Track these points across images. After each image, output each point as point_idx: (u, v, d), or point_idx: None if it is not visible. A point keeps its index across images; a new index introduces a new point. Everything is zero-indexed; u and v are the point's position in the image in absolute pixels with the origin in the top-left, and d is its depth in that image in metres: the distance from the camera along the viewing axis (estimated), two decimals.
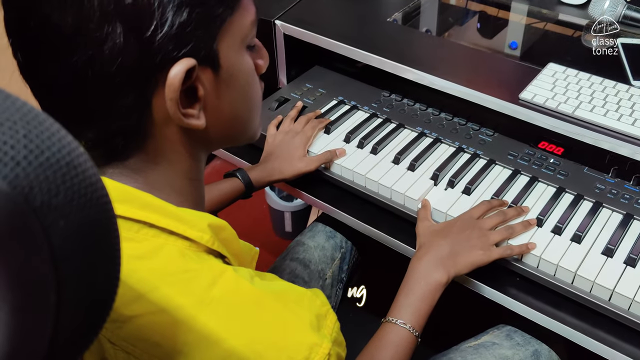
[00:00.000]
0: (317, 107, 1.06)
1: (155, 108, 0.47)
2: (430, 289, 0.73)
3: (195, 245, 0.49)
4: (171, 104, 0.47)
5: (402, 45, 1.02)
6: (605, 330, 0.74)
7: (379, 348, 0.71)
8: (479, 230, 0.77)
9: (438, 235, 0.78)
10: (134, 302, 0.45)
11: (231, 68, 0.50)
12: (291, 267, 0.97)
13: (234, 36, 0.50)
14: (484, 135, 0.97)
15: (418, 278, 0.74)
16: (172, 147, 0.51)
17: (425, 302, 0.73)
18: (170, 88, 0.46)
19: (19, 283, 0.24)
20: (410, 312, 0.72)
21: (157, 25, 0.44)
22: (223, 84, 0.50)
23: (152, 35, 0.44)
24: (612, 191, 0.85)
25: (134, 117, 0.47)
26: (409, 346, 0.71)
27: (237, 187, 0.88)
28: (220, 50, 0.49)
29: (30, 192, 0.24)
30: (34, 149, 0.25)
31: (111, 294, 0.30)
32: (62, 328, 0.27)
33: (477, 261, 0.75)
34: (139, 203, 0.48)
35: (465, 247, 0.76)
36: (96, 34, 0.43)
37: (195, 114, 0.49)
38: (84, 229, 0.27)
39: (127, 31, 0.43)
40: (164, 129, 0.49)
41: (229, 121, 0.54)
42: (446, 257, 0.75)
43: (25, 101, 0.26)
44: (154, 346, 0.45)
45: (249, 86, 0.54)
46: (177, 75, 0.45)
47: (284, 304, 0.49)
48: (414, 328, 0.71)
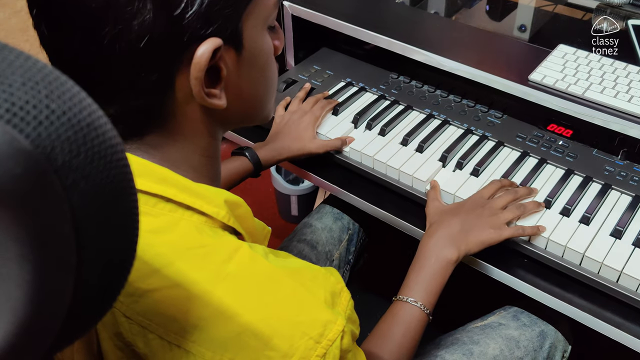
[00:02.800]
0: (325, 88, 1.05)
1: (178, 86, 0.47)
2: (441, 266, 0.73)
3: (211, 221, 0.49)
4: (195, 83, 0.46)
5: (410, 27, 1.01)
6: (612, 312, 0.74)
7: (390, 326, 0.71)
8: (490, 209, 0.77)
9: (449, 213, 0.78)
10: (149, 276, 0.46)
11: (253, 48, 0.50)
12: (298, 248, 0.97)
13: (258, 16, 0.50)
14: (492, 117, 0.97)
15: (429, 255, 0.74)
16: (191, 124, 0.51)
17: (436, 279, 0.73)
18: (196, 67, 0.46)
19: (40, 242, 0.25)
20: (421, 290, 0.72)
21: (187, 3, 0.43)
22: (245, 63, 0.50)
23: (182, 13, 0.43)
24: (621, 173, 0.85)
25: (156, 94, 0.47)
26: (420, 324, 0.71)
27: (245, 166, 0.88)
28: (245, 30, 0.49)
29: (52, 152, 0.24)
30: (56, 109, 0.25)
31: (130, 257, 0.31)
32: (83, 289, 0.28)
33: (487, 239, 0.75)
34: (157, 177, 0.48)
35: (476, 225, 0.76)
36: (126, 9, 0.42)
37: (218, 93, 0.49)
38: (103, 190, 0.27)
39: (158, 8, 0.43)
40: (185, 107, 0.49)
41: (248, 101, 0.54)
42: (457, 234, 0.75)
43: (46, 63, 0.26)
44: (170, 320, 0.45)
45: (268, 66, 0.54)
46: (204, 54, 0.45)
47: (299, 281, 0.49)
48: (425, 306, 0.72)
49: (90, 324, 0.29)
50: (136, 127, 0.49)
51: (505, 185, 0.82)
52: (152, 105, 0.47)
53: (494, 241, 0.75)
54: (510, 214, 0.77)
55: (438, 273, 0.73)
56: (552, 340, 0.84)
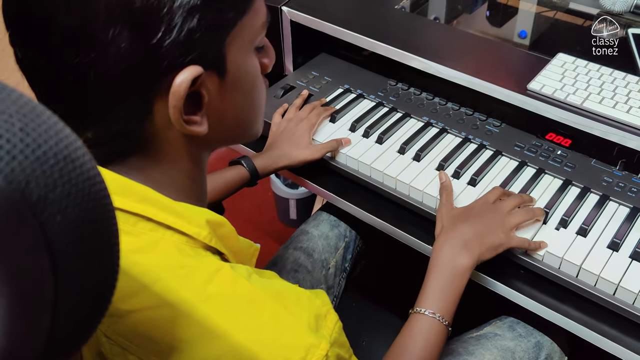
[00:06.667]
0: (322, 95, 1.05)
1: (157, 111, 0.46)
2: (458, 274, 0.71)
3: (192, 241, 0.48)
4: (174, 112, 0.45)
5: (409, 33, 1.01)
6: (609, 324, 0.73)
7: (409, 341, 0.68)
8: (499, 213, 0.76)
9: (459, 219, 0.76)
10: (130, 296, 0.45)
11: (238, 72, 0.49)
12: (294, 256, 0.97)
13: (243, 39, 0.48)
14: (490, 126, 0.96)
15: (444, 265, 0.72)
16: (173, 148, 0.50)
17: (453, 289, 0.71)
18: (175, 96, 0.44)
19: (16, 278, 0.24)
20: (438, 301, 0.70)
21: (165, 32, 0.42)
22: (228, 88, 0.49)
23: (159, 41, 0.42)
24: (619, 184, 0.84)
25: (134, 120, 0.46)
26: (440, 336, 0.69)
27: (242, 175, 0.88)
28: (228, 54, 0.47)
29: (27, 187, 0.24)
30: (31, 142, 0.24)
31: (110, 288, 0.30)
32: (61, 322, 0.27)
33: (498, 244, 0.73)
34: (138, 196, 0.47)
35: (487, 229, 0.74)
36: (101, 37, 0.41)
37: (198, 120, 0.48)
38: (81, 223, 0.26)
39: (134, 36, 0.41)
40: (166, 131, 0.48)
41: (232, 124, 0.53)
42: (469, 240, 0.73)
43: (22, 93, 0.26)
44: (151, 342, 0.45)
45: (254, 89, 0.52)
46: (183, 83, 0.44)
47: (282, 304, 0.48)
48: (443, 317, 0.69)
49: (68, 355, 0.29)
50: (117, 150, 0.48)
51: (507, 193, 0.81)
52: (131, 130, 0.47)
53: (504, 246, 0.74)
54: (519, 217, 0.76)
55: (454, 282, 0.71)
56: (548, 351, 0.84)
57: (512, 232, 0.76)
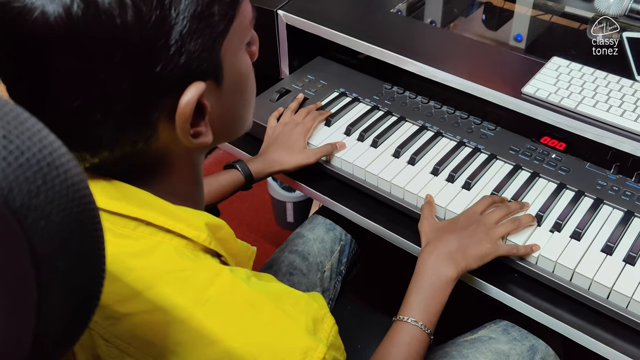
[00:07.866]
0: (318, 99, 1.05)
1: (162, 132, 0.46)
2: (441, 285, 0.72)
3: (192, 244, 0.49)
4: (183, 133, 0.46)
5: (404, 37, 1.01)
6: (602, 328, 0.73)
7: (390, 348, 0.69)
8: (485, 224, 0.77)
9: (444, 231, 0.77)
10: (129, 299, 0.45)
11: (233, 75, 0.50)
12: (290, 259, 0.97)
13: (235, 41, 0.49)
14: (485, 130, 0.96)
15: (428, 274, 0.73)
16: (175, 160, 0.50)
17: (436, 298, 0.72)
18: (182, 118, 0.45)
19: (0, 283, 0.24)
20: (422, 310, 0.71)
21: (165, 60, 0.42)
22: (226, 92, 0.50)
23: (161, 69, 0.42)
24: (613, 188, 0.84)
25: (139, 144, 0.46)
26: (422, 344, 0.70)
27: (237, 179, 0.88)
28: (225, 60, 0.48)
29: (10, 194, 0.24)
30: (14, 149, 0.24)
31: (96, 292, 0.30)
32: (46, 326, 0.27)
33: (484, 254, 0.74)
34: (136, 201, 0.48)
35: (472, 241, 0.75)
36: (103, 80, 0.41)
37: (203, 130, 0.48)
38: (65, 228, 0.26)
39: (136, 75, 0.42)
40: (170, 146, 0.48)
41: (229, 123, 0.54)
42: (455, 251, 0.74)
43: (6, 100, 0.26)
44: (148, 345, 0.45)
45: (246, 86, 0.53)
46: (189, 105, 0.45)
47: (280, 307, 0.48)
48: (426, 326, 0.70)
49: (55, 358, 0.29)
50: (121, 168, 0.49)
51: (497, 201, 0.82)
52: (137, 151, 0.47)
53: (491, 256, 0.75)
54: (504, 228, 0.77)
55: (438, 292, 0.72)
56: (542, 354, 0.84)
57: (499, 242, 0.76)
